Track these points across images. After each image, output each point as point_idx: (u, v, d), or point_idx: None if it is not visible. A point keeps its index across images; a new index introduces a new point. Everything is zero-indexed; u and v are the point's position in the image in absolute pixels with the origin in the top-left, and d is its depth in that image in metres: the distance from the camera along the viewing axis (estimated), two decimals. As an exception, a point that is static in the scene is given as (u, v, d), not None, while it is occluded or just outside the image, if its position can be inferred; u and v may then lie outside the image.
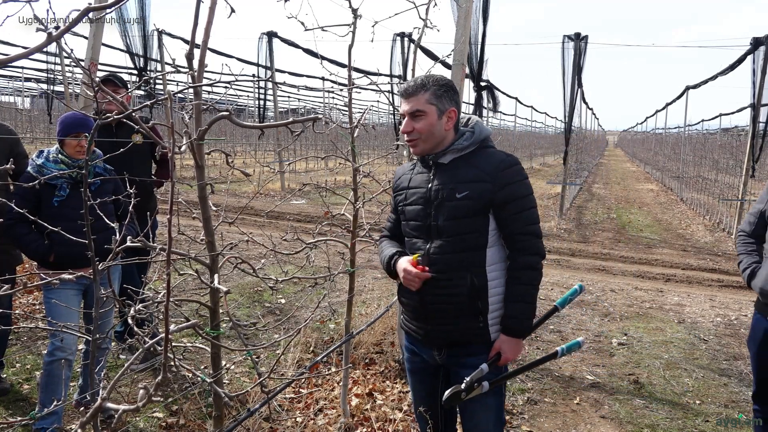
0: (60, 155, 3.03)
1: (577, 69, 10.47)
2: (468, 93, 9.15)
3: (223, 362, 2.06)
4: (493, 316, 2.10)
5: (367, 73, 9.99)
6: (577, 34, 10.41)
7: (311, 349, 4.35)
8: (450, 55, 4.33)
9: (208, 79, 1.84)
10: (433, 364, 2.28)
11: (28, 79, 19.58)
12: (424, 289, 2.09)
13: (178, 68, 1.73)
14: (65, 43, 1.45)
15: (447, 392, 2.07)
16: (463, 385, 2.04)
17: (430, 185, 2.14)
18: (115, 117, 1.54)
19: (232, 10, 1.69)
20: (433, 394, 2.33)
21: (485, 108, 9.76)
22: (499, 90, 12.34)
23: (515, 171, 2.08)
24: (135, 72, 10.83)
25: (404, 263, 2.12)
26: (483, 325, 2.10)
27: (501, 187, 2.04)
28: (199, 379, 1.86)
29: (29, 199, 2.93)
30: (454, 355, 2.18)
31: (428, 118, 2.08)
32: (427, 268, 2.08)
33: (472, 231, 2.07)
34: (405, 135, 2.15)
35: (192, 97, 1.72)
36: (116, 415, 3.12)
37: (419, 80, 2.11)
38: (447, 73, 4.53)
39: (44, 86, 18.74)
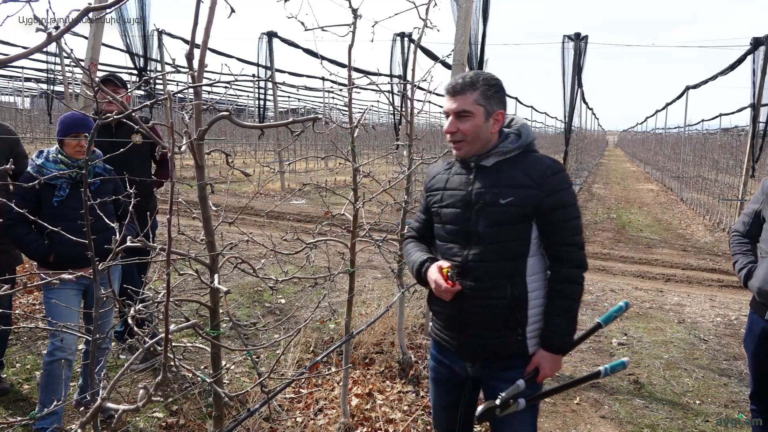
0: (60, 155, 3.03)
1: (577, 69, 10.47)
2: (468, 93, 9.12)
3: (223, 362, 2.06)
4: (531, 329, 2.00)
5: (367, 73, 9.99)
6: (577, 34, 10.40)
7: (311, 349, 4.35)
8: (450, 55, 4.33)
9: (208, 79, 1.84)
10: (462, 376, 2.17)
11: (28, 79, 19.58)
12: (460, 298, 1.99)
13: (178, 68, 1.73)
14: (65, 43, 1.45)
15: (480, 408, 1.97)
16: (498, 401, 1.95)
17: (470, 188, 2.01)
18: (115, 117, 1.54)
19: (232, 10, 1.69)
20: (454, 405, 2.24)
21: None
22: (499, 90, 12.31)
23: (562, 178, 1.98)
24: (135, 72, 10.83)
25: (435, 274, 1.99)
26: (521, 338, 1.99)
27: (548, 194, 1.93)
28: (199, 379, 1.86)
29: (29, 199, 2.93)
30: (490, 368, 2.07)
31: (475, 120, 1.96)
32: (458, 284, 1.97)
33: (514, 239, 1.97)
34: (448, 135, 2.03)
35: (192, 97, 1.72)
36: (116, 415, 3.12)
37: (468, 78, 1.98)
38: (447, 73, 4.54)
39: (44, 86, 18.73)
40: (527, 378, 1.99)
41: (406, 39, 10.51)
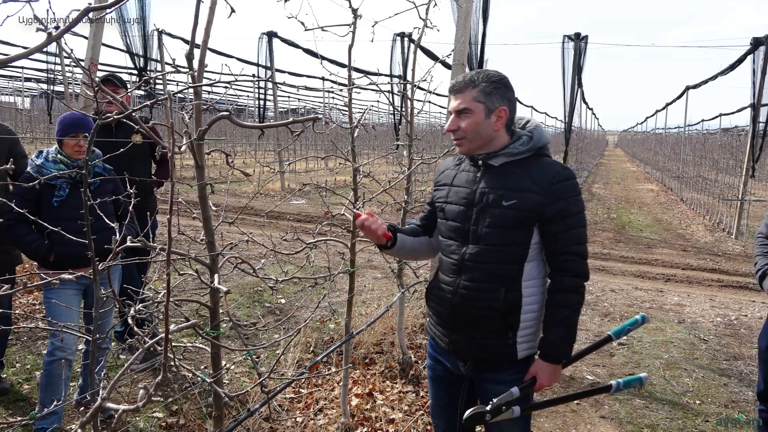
0: (59, 155, 3.03)
1: (577, 69, 10.47)
2: (468, 93, 9.13)
3: (223, 362, 2.06)
4: (523, 334, 1.98)
5: (367, 73, 9.99)
6: (577, 34, 10.40)
7: (311, 349, 4.35)
8: (450, 55, 4.33)
9: (208, 79, 1.84)
10: (457, 374, 2.16)
11: (28, 79, 19.58)
12: (453, 296, 2.01)
13: (178, 68, 1.73)
14: (65, 43, 1.45)
15: (469, 411, 1.96)
16: (488, 407, 1.92)
17: (475, 187, 2.01)
18: (115, 117, 1.54)
19: (232, 10, 1.69)
20: (453, 404, 2.23)
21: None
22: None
23: (570, 185, 1.94)
24: (135, 72, 10.83)
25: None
26: (512, 342, 1.97)
27: (553, 201, 1.91)
28: (199, 379, 1.86)
29: (29, 200, 2.94)
30: (481, 369, 2.07)
31: (474, 117, 1.95)
32: (361, 213, 2.07)
33: (513, 242, 1.94)
34: (450, 133, 2.04)
35: (192, 97, 1.72)
36: (116, 415, 3.13)
37: (468, 76, 1.97)
38: (447, 73, 4.53)
39: (44, 86, 18.75)
40: (522, 386, 1.96)
41: (406, 39, 10.51)
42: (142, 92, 16.30)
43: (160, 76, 11.03)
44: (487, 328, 1.97)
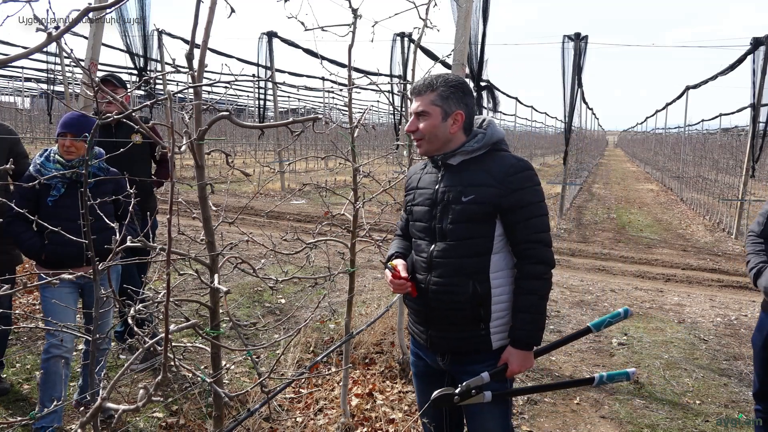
0: (56, 155, 3.05)
1: (577, 69, 10.47)
2: (468, 93, 9.15)
3: (223, 362, 2.06)
4: (495, 324, 2.04)
5: (367, 73, 10.00)
6: (577, 34, 10.40)
7: (311, 349, 4.35)
8: (450, 55, 4.33)
9: (208, 79, 1.84)
10: (438, 369, 2.23)
11: (28, 79, 19.59)
12: (425, 293, 2.07)
13: (178, 68, 1.73)
14: (65, 43, 1.45)
15: (436, 392, 2.04)
16: (457, 390, 2.00)
17: (437, 186, 2.09)
18: (115, 117, 1.54)
19: (232, 10, 1.69)
20: None
21: (485, 108, 9.77)
22: (499, 90, 12.35)
23: (526, 176, 2.01)
24: (135, 72, 10.83)
25: (388, 270, 2.11)
26: (485, 333, 2.04)
27: (509, 193, 1.97)
28: (199, 379, 1.86)
29: (29, 199, 2.95)
30: (458, 362, 2.13)
31: (431, 120, 2.03)
32: (402, 273, 2.06)
33: (476, 236, 2.01)
34: (410, 134, 2.13)
35: (192, 97, 1.72)
36: (116, 415, 3.13)
37: (428, 80, 2.05)
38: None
39: (44, 86, 18.75)
40: (494, 372, 2.02)
41: (406, 39, 10.52)
42: (142, 92, 16.30)
43: (160, 76, 11.03)
44: (460, 321, 2.04)
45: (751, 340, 2.95)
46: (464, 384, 2.00)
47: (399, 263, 2.12)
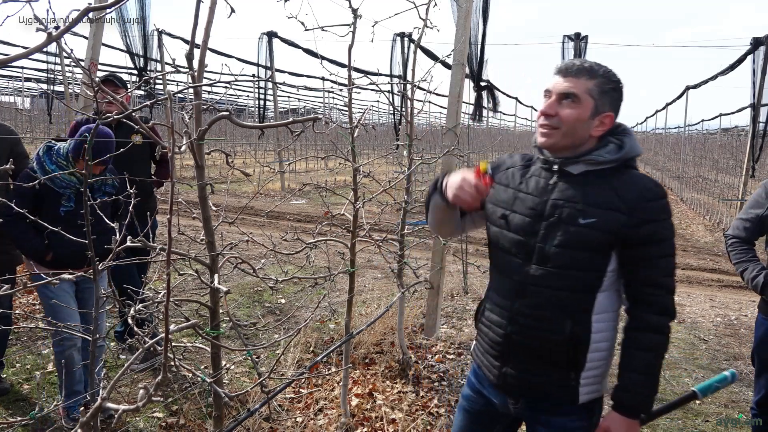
0: (64, 161, 2.99)
1: (577, 69, 10.46)
2: (468, 93, 9.15)
3: (223, 362, 2.06)
4: (588, 375, 1.70)
5: (367, 73, 10.00)
6: (577, 34, 10.41)
7: (311, 349, 4.35)
8: (450, 55, 4.33)
9: (208, 79, 1.84)
10: (502, 412, 1.87)
11: (28, 79, 19.58)
12: (509, 323, 1.72)
13: (178, 68, 1.73)
14: (65, 43, 1.45)
15: None
16: None
17: (546, 197, 1.68)
18: (116, 117, 1.54)
19: (232, 10, 1.69)
20: None
21: (485, 108, 9.76)
22: (499, 90, 12.34)
23: (661, 206, 1.65)
24: (135, 72, 10.84)
25: (464, 172, 1.67)
26: (574, 384, 1.69)
27: (640, 223, 1.61)
28: (199, 379, 1.86)
29: (29, 197, 2.95)
30: (537, 409, 1.78)
31: (580, 110, 1.63)
32: (491, 182, 1.67)
33: (586, 268, 1.64)
34: (542, 117, 1.69)
35: (192, 97, 1.72)
36: (116, 415, 3.13)
37: (588, 63, 1.66)
38: (447, 73, 4.54)
39: (44, 86, 18.74)
40: None
41: (406, 39, 10.51)
42: (142, 92, 16.31)
43: (160, 76, 11.03)
44: (547, 364, 1.70)
45: (755, 351, 2.81)
46: None
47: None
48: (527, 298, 1.69)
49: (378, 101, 22.16)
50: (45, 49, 3.04)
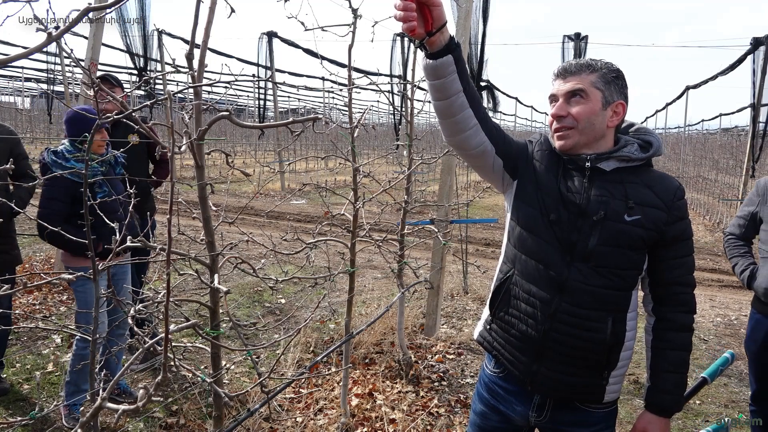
0: (70, 155, 3.01)
1: (577, 69, 10.47)
2: (468, 93, 9.16)
3: (223, 362, 2.06)
4: (616, 374, 1.69)
5: (367, 73, 10.00)
6: (577, 34, 10.41)
7: (311, 349, 4.35)
8: (450, 55, 4.33)
9: (208, 79, 1.84)
10: (520, 425, 1.82)
11: (28, 79, 19.59)
12: (547, 320, 1.66)
13: (178, 68, 1.73)
14: (65, 43, 1.45)
15: None
16: None
17: (587, 193, 1.64)
18: (115, 116, 1.54)
19: (232, 10, 1.69)
20: None
21: (485, 108, 9.77)
22: (499, 90, 12.35)
23: (685, 204, 1.68)
24: (135, 72, 10.84)
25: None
26: (604, 383, 1.69)
27: (675, 221, 1.62)
28: (199, 379, 1.86)
29: (66, 201, 2.99)
30: (559, 421, 1.75)
31: (590, 104, 1.62)
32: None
33: (628, 266, 1.63)
34: (554, 122, 1.68)
35: (192, 97, 1.72)
36: (116, 415, 3.13)
37: (584, 60, 1.66)
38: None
39: (44, 86, 18.75)
40: None
41: (406, 39, 10.51)
42: (142, 92, 16.30)
43: (160, 76, 11.03)
44: (584, 364, 1.66)
45: (744, 345, 2.94)
46: None
47: None
48: (569, 296, 1.63)
49: (378, 101, 22.19)
50: (45, 49, 3.04)
